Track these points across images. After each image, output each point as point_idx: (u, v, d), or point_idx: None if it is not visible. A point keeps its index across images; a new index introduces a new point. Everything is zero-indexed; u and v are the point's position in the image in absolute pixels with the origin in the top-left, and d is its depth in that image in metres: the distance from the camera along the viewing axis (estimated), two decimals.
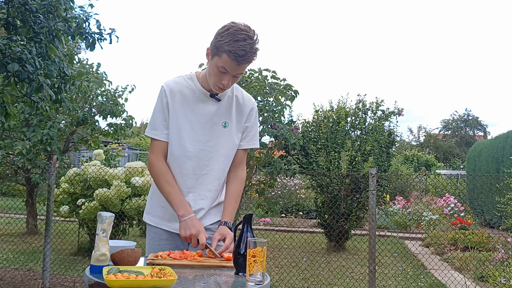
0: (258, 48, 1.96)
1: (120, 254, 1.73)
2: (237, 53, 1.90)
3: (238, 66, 1.95)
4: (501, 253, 6.04)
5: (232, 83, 2.02)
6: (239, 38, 1.91)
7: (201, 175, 2.11)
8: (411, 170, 20.37)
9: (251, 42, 1.93)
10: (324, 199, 7.73)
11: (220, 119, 2.13)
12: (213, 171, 2.12)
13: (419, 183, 14.37)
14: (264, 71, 6.60)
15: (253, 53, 1.94)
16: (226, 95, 2.14)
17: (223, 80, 1.98)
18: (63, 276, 5.40)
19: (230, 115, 2.14)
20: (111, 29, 4.17)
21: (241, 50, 1.90)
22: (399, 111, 7.81)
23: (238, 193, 2.17)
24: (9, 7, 3.60)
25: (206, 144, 2.11)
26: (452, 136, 36.06)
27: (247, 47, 1.91)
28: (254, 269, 1.64)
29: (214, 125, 2.12)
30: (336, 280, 5.68)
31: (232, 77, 1.99)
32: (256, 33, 1.97)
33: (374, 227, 4.71)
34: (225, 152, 2.14)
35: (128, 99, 8.92)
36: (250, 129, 2.20)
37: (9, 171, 7.94)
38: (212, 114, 2.12)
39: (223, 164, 2.15)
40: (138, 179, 5.78)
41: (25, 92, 3.80)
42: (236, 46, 1.90)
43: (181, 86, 2.12)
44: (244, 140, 2.20)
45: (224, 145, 2.13)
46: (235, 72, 1.97)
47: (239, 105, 2.16)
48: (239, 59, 1.91)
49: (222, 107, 2.13)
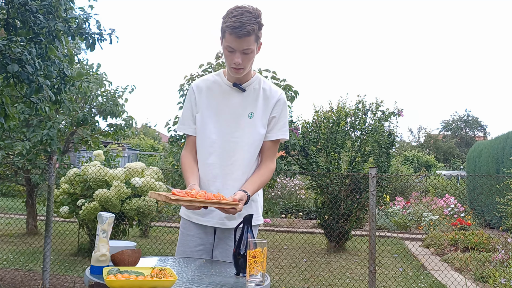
0: (258, 21, 2.00)
1: (120, 254, 1.73)
2: (233, 26, 1.96)
3: (240, 40, 1.99)
4: (501, 253, 6.04)
5: (245, 61, 2.06)
6: (236, 14, 1.99)
7: (227, 165, 2.15)
8: (411, 170, 20.36)
9: (249, 15, 1.98)
10: (324, 200, 7.73)
11: (246, 110, 2.17)
12: (238, 161, 2.15)
13: (419, 183, 14.37)
14: (264, 72, 6.60)
15: (251, 24, 1.97)
16: (253, 87, 2.19)
17: (234, 59, 2.04)
18: (63, 276, 5.39)
19: (255, 106, 2.17)
20: (111, 30, 4.17)
21: (237, 23, 1.96)
22: (399, 112, 7.82)
23: (265, 175, 2.18)
24: (9, 7, 3.60)
25: (232, 135, 2.16)
26: (452, 136, 36.05)
27: (244, 19, 1.96)
28: (254, 269, 1.64)
29: (240, 116, 2.16)
30: (336, 281, 5.68)
31: (242, 54, 2.03)
32: (259, 10, 2.03)
33: (374, 227, 4.71)
34: (250, 142, 2.16)
35: (128, 100, 8.93)
36: (278, 119, 2.20)
37: (9, 172, 7.93)
38: (238, 105, 2.17)
39: (248, 153, 2.17)
40: (138, 179, 5.78)
41: (24, 93, 3.80)
42: (232, 20, 1.98)
43: (208, 82, 2.23)
44: (272, 131, 2.21)
45: (249, 135, 2.16)
46: (240, 47, 2.01)
47: (266, 97, 2.19)
48: (236, 31, 1.96)
49: (248, 98, 2.18)
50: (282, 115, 2.21)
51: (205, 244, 2.19)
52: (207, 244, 2.20)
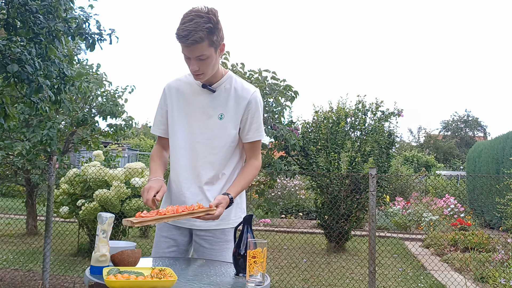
0: (209, 26, 1.89)
1: (120, 255, 1.73)
2: (180, 35, 1.89)
3: (190, 48, 1.91)
4: (501, 254, 6.04)
5: (203, 67, 1.98)
6: (185, 20, 1.89)
7: (197, 167, 2.11)
8: (411, 171, 20.35)
9: (199, 21, 1.87)
10: (324, 200, 7.73)
11: (216, 111, 2.11)
12: (208, 163, 2.11)
13: (419, 184, 14.37)
14: (264, 72, 6.61)
15: (198, 32, 1.87)
16: (223, 87, 2.11)
17: (191, 66, 1.98)
18: (63, 276, 5.39)
19: (226, 107, 2.11)
20: (111, 30, 4.17)
21: (184, 31, 1.87)
22: (399, 112, 7.82)
23: (249, 175, 2.14)
24: (9, 7, 3.59)
25: (202, 136, 2.11)
26: (452, 137, 36.05)
27: (191, 26, 1.87)
28: (254, 270, 1.64)
29: (210, 117, 2.11)
30: (336, 281, 5.67)
31: (197, 60, 1.95)
32: (213, 12, 1.91)
33: (374, 228, 4.71)
34: (221, 144, 2.11)
35: (128, 100, 8.92)
36: (252, 120, 2.12)
37: (9, 172, 7.93)
38: (207, 107, 2.11)
39: (219, 157, 2.11)
40: (138, 179, 5.78)
41: (24, 93, 3.80)
42: (181, 28, 1.89)
43: (180, 83, 2.18)
44: (249, 133, 2.14)
45: (219, 137, 2.11)
46: (193, 54, 1.93)
47: (237, 97, 2.11)
48: (183, 40, 1.88)
49: (218, 99, 2.11)
50: (256, 115, 2.13)
51: (178, 246, 2.17)
52: (180, 245, 2.17)
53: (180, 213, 1.83)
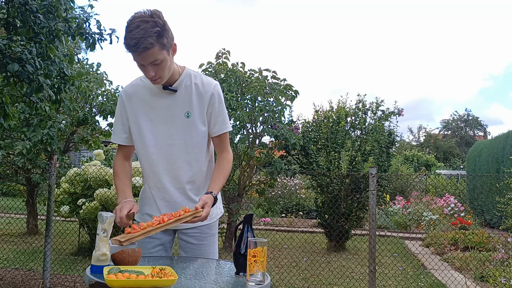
0: (157, 30, 1.83)
1: (121, 254, 1.73)
2: (129, 44, 1.84)
3: (142, 55, 1.86)
4: (501, 253, 6.04)
5: (159, 71, 1.94)
6: (131, 28, 1.84)
7: (173, 170, 2.10)
8: (411, 170, 20.35)
9: (145, 26, 1.82)
10: (324, 199, 7.73)
11: (182, 110, 2.08)
12: (183, 163, 2.10)
13: (419, 183, 14.38)
14: (264, 71, 6.61)
15: (147, 38, 1.81)
16: (184, 85, 2.09)
17: (146, 73, 1.94)
18: (63, 276, 5.40)
19: (191, 104, 2.08)
20: (111, 30, 4.16)
21: (132, 40, 1.83)
22: (399, 111, 7.82)
23: (225, 169, 2.13)
24: (9, 7, 3.59)
25: (171, 137, 2.09)
26: (452, 136, 36.05)
27: (139, 34, 1.81)
28: (255, 269, 1.64)
29: (176, 117, 2.08)
30: (336, 280, 5.68)
31: (153, 66, 1.91)
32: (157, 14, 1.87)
33: (374, 227, 4.71)
34: (193, 142, 2.10)
35: None
36: (217, 113, 2.11)
37: (9, 171, 7.94)
38: (172, 107, 2.08)
39: (194, 155, 2.11)
40: (138, 179, 5.78)
41: (24, 92, 3.80)
42: (128, 37, 1.84)
43: (138, 88, 2.13)
44: (216, 127, 2.13)
45: (190, 135, 2.09)
46: (146, 61, 1.89)
47: (199, 92, 2.09)
48: (134, 49, 1.84)
49: (181, 98, 2.08)
50: (220, 107, 2.12)
51: (164, 244, 2.18)
52: (166, 243, 2.18)
53: (166, 222, 1.83)
